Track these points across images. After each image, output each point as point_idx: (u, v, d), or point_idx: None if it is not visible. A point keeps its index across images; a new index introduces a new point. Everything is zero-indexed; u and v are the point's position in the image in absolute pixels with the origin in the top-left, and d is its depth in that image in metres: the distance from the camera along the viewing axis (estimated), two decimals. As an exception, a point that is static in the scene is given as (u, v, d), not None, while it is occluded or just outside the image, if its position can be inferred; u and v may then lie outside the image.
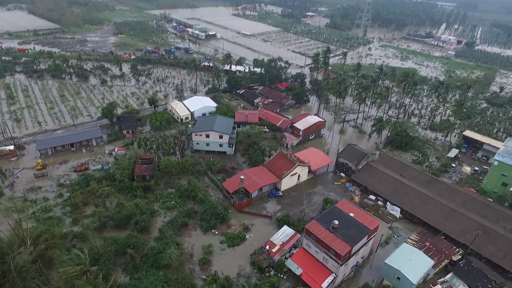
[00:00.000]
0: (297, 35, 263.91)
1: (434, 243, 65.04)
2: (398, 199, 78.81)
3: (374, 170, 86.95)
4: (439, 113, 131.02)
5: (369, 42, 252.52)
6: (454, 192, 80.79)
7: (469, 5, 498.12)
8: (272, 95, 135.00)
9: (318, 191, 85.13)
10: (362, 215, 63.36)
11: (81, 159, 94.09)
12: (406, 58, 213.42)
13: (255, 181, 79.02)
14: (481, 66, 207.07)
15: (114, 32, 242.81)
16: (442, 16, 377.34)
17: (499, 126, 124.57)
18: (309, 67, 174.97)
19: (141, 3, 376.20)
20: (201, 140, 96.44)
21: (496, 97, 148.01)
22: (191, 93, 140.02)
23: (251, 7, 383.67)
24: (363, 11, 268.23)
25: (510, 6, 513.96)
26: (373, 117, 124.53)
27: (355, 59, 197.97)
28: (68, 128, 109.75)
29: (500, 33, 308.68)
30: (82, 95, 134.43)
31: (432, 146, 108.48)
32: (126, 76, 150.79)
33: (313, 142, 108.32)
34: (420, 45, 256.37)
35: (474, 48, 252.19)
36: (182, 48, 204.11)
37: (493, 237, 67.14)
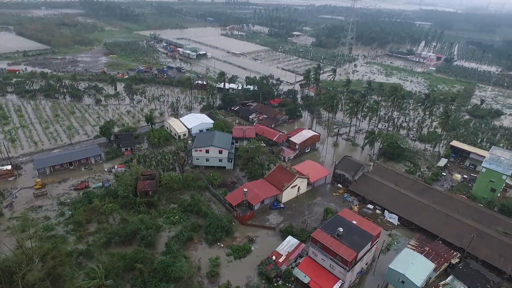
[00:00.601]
0: (285, 53, 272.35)
1: (433, 248, 67.84)
2: (396, 207, 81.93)
3: (370, 180, 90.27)
4: (426, 125, 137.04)
5: (354, 60, 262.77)
6: (447, 199, 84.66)
7: (444, 24, 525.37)
8: (266, 111, 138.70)
9: (318, 202, 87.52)
10: (364, 222, 65.91)
11: (81, 177, 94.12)
12: (391, 74, 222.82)
13: (257, 194, 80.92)
14: (461, 80, 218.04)
15: (104, 52, 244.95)
16: (421, 34, 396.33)
17: (482, 136, 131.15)
18: (299, 84, 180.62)
19: (130, 24, 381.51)
20: (201, 155, 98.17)
21: (477, 109, 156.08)
22: (186, 111, 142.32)
23: (239, 27, 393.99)
24: (347, 30, 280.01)
25: (481, 25, 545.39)
26: (364, 130, 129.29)
27: (343, 75, 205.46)
28: (65, 147, 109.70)
29: (475, 50, 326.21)
30: (77, 115, 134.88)
31: (422, 157, 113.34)
32: (120, 95, 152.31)
33: (309, 156, 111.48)
34: (403, 62, 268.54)
35: (452, 63, 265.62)
36: (174, 67, 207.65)
37: (487, 240, 70.55)
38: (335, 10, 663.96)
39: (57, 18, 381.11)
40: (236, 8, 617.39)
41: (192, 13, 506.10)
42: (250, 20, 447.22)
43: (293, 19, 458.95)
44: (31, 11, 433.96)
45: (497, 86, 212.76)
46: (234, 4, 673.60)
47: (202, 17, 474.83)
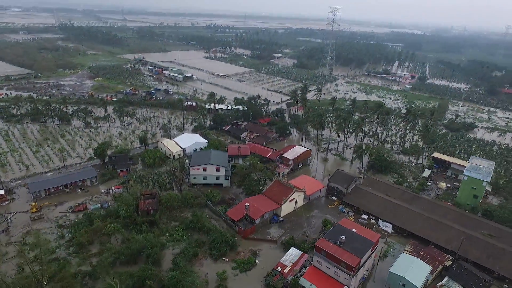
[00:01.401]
0: (269, 74, 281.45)
1: (427, 252, 72.12)
2: (389, 216, 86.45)
3: (363, 191, 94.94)
4: (407, 139, 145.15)
5: (335, 79, 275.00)
6: (435, 206, 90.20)
7: (414, 45, 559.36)
8: (257, 130, 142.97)
9: (315, 215, 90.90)
10: (363, 230, 69.70)
11: (77, 200, 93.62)
12: (370, 92, 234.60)
13: (258, 208, 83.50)
14: (435, 97, 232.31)
15: (90, 76, 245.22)
16: (394, 55, 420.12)
17: (459, 148, 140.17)
18: (286, 103, 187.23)
19: (112, 48, 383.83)
20: (198, 174, 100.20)
21: (453, 123, 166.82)
22: (177, 132, 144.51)
23: (222, 50, 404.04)
24: (327, 51, 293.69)
25: (448, 46, 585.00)
26: (351, 145, 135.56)
27: (325, 94, 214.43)
28: (58, 170, 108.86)
29: (445, 69, 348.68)
30: (67, 138, 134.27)
31: (408, 168, 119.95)
32: (111, 117, 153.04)
33: (302, 171, 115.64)
34: (380, 81, 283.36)
35: (426, 81, 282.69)
36: (162, 89, 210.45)
37: (475, 242, 75.74)
38: (311, 33, 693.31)
39: (37, 43, 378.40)
40: (217, 32, 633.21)
41: (174, 37, 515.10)
42: (232, 43, 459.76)
43: (273, 41, 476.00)
44: (8, 36, 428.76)
45: (468, 102, 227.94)
46: (214, 28, 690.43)
47: (184, 41, 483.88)
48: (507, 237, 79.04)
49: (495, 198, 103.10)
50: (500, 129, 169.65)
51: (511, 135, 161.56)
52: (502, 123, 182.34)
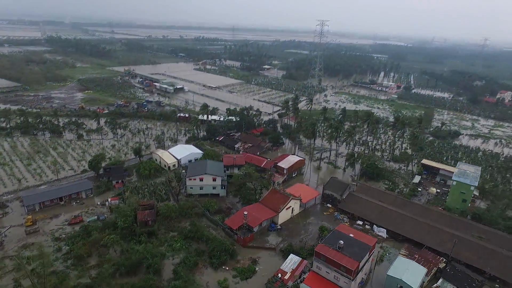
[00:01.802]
0: (259, 86, 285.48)
1: (421, 255, 74.40)
2: (383, 222, 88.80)
3: (357, 198, 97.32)
4: (396, 147, 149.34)
5: (324, 90, 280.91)
6: (426, 211, 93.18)
7: (399, 56, 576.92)
8: (250, 140, 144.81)
9: (312, 222, 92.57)
10: (360, 235, 71.65)
11: (73, 212, 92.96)
12: (358, 102, 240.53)
13: (256, 217, 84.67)
14: (420, 106, 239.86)
15: (79, 88, 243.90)
16: (379, 65, 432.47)
17: (446, 154, 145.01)
18: (277, 114, 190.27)
19: (101, 61, 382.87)
20: (195, 184, 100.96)
21: (439, 131, 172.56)
22: (171, 143, 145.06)
23: (211, 62, 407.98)
24: (315, 63, 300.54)
25: (431, 57, 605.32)
26: (343, 154, 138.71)
27: (315, 104, 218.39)
28: (51, 183, 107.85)
29: (428, 79, 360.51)
30: (60, 150, 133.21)
31: (398, 175, 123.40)
32: (103, 129, 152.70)
33: (296, 179, 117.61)
34: (367, 91, 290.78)
35: (411, 91, 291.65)
36: (153, 101, 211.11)
37: (466, 244, 78.55)
38: (299, 45, 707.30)
39: (24, 55, 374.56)
40: (206, 44, 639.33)
41: (163, 49, 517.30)
42: (222, 55, 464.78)
43: (262, 53, 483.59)
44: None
45: (452, 110, 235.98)
46: (203, 41, 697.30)
47: (173, 53, 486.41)
48: (495, 238, 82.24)
49: (482, 202, 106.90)
50: (484, 136, 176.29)
51: (494, 142, 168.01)
52: (485, 130, 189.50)
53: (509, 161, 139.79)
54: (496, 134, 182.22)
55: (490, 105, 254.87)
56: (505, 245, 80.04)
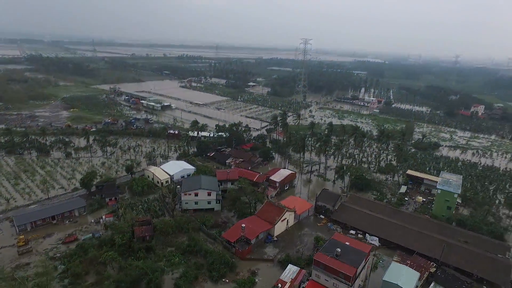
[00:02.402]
0: (245, 102, 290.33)
1: (413, 261, 77.80)
2: (375, 230, 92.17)
3: (349, 208, 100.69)
4: (382, 159, 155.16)
5: (308, 106, 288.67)
6: (415, 219, 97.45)
7: (377, 72, 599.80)
8: (241, 155, 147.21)
9: (306, 233, 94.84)
10: (355, 242, 74.50)
11: (66, 231, 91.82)
12: (343, 117, 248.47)
13: (253, 229, 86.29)
14: (401, 120, 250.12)
15: (64, 107, 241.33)
16: (360, 82, 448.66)
17: (429, 165, 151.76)
18: (265, 129, 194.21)
19: (85, 79, 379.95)
20: (190, 199, 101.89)
21: (420, 143, 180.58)
22: (162, 159, 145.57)
23: (196, 79, 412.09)
24: (300, 79, 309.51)
25: (407, 73, 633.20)
26: (331, 167, 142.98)
27: (301, 120, 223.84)
28: (42, 202, 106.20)
29: (407, 94, 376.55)
30: (48, 169, 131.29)
31: (385, 186, 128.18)
32: (93, 147, 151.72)
33: (288, 192, 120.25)
34: (350, 106, 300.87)
35: (391, 106, 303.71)
36: (141, 118, 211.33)
37: (454, 249, 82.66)
38: (281, 62, 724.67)
39: (4, 74, 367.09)
40: (190, 62, 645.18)
41: (147, 67, 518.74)
42: (207, 73, 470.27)
43: (246, 71, 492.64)
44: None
45: (430, 123, 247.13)
46: (186, 59, 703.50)
47: (157, 71, 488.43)
48: (480, 243, 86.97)
49: (465, 209, 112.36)
50: (462, 147, 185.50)
51: (471, 152, 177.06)
52: (463, 142, 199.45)
53: (486, 170, 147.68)
54: (473, 145, 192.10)
55: (465, 118, 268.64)
56: (489, 248, 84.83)
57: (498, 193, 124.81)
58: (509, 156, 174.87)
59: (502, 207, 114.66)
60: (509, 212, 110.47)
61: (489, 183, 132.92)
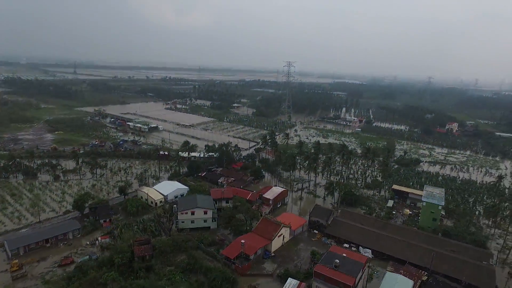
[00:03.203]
0: (232, 123, 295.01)
1: (406, 270, 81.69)
2: (367, 243, 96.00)
3: (342, 223, 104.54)
4: (368, 175, 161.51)
5: (293, 126, 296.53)
6: (404, 230, 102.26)
7: (356, 93, 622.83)
8: (232, 174, 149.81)
9: (302, 248, 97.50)
10: (352, 254, 77.98)
11: (61, 254, 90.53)
12: (327, 136, 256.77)
13: (251, 245, 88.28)
14: (383, 137, 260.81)
15: (48, 129, 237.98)
16: (341, 102, 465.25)
17: (412, 180, 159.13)
18: (254, 149, 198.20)
19: (67, 101, 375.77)
20: (187, 218, 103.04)
21: (403, 159, 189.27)
22: (154, 180, 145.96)
23: (182, 101, 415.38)
24: (284, 100, 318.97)
25: (385, 93, 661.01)
26: (321, 184, 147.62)
27: (288, 139, 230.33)
28: (33, 226, 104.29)
29: (386, 113, 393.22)
30: (36, 192, 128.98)
31: (373, 200, 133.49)
32: (82, 169, 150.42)
33: (281, 209, 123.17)
34: (333, 125, 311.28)
35: (372, 124, 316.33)
36: (129, 140, 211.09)
37: (442, 258, 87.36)
38: (263, 84, 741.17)
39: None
40: (173, 84, 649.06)
41: (130, 89, 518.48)
42: (191, 94, 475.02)
43: (230, 92, 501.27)
44: None
45: (410, 141, 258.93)
46: (170, 81, 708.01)
47: (141, 93, 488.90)
48: (465, 251, 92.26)
49: (448, 220, 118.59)
50: (441, 162, 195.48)
51: (450, 167, 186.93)
52: (441, 157, 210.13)
53: (465, 184, 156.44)
54: (450, 160, 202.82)
55: (441, 135, 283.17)
56: (473, 256, 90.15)
57: (477, 205, 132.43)
58: (484, 170, 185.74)
59: (481, 217, 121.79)
60: (489, 222, 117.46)
61: (468, 196, 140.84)
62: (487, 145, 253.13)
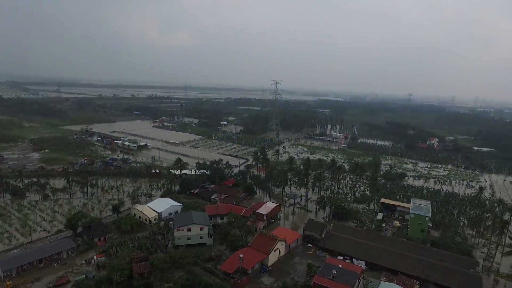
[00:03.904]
0: (220, 140, 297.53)
1: (399, 279, 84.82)
2: (361, 255, 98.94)
3: (335, 236, 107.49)
4: (356, 190, 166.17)
5: (281, 142, 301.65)
6: (394, 242, 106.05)
7: (340, 110, 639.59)
8: (225, 191, 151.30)
9: (297, 261, 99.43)
10: (347, 265, 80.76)
11: (56, 274, 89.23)
12: (315, 152, 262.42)
13: (249, 259, 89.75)
14: (368, 153, 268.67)
15: (34, 148, 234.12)
16: (326, 119, 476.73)
17: (398, 193, 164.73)
18: (244, 166, 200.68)
19: (52, 120, 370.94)
20: (183, 234, 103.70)
21: (389, 174, 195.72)
22: (146, 198, 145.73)
23: (169, 119, 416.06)
24: (272, 117, 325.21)
25: (367, 110, 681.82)
26: (311, 199, 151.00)
27: (277, 155, 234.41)
28: (25, 246, 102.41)
29: (370, 129, 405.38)
30: (25, 212, 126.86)
31: (363, 214, 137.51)
32: (72, 188, 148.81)
33: (275, 224, 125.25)
34: (320, 142, 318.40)
35: (357, 141, 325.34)
36: (118, 158, 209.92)
37: (432, 267, 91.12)
38: (250, 102, 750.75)
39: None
40: (159, 103, 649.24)
41: (116, 107, 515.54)
42: (179, 113, 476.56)
43: (217, 110, 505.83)
44: None
45: (394, 156, 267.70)
46: (156, 99, 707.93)
47: (128, 111, 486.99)
48: (453, 260, 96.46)
49: (435, 231, 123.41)
50: (425, 176, 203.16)
51: (433, 180, 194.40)
52: (425, 172, 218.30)
53: (449, 196, 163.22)
54: (434, 174, 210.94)
55: (423, 150, 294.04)
56: (461, 264, 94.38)
57: (461, 216, 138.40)
58: (465, 183, 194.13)
59: (466, 228, 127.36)
60: (473, 232, 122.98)
61: (453, 207, 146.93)
62: (466, 159, 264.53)
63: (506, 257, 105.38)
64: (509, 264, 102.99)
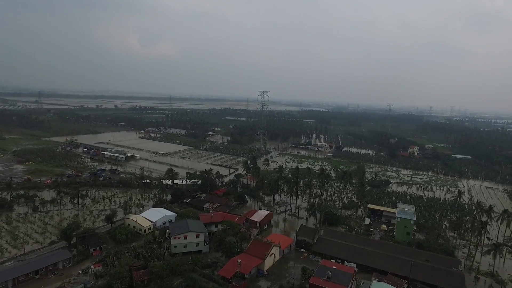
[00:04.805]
0: (208, 151, 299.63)
1: (389, 279, 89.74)
2: (352, 258, 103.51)
3: (326, 240, 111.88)
4: (344, 196, 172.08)
5: (269, 152, 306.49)
6: (382, 245, 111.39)
7: (323, 120, 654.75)
8: (217, 200, 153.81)
9: (292, 265, 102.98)
10: (341, 266, 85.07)
11: (53, 285, 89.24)
12: (301, 161, 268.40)
13: (246, 264, 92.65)
14: (353, 161, 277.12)
15: (17, 160, 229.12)
16: (310, 129, 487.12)
17: (384, 199, 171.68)
18: (234, 175, 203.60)
19: (34, 131, 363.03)
20: (179, 242, 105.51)
21: (374, 181, 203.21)
22: (139, 208, 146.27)
23: (156, 130, 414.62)
24: (259, 128, 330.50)
25: (350, 120, 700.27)
26: (301, 206, 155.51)
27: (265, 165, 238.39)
28: (18, 258, 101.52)
29: (353, 139, 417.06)
30: (15, 225, 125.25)
31: (352, 219, 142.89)
32: (62, 199, 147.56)
33: (268, 231, 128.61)
34: (306, 151, 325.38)
35: (342, 150, 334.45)
36: (107, 169, 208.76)
37: (419, 267, 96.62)
38: (235, 112, 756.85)
39: None
40: (143, 113, 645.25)
41: (100, 118, 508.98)
42: (165, 123, 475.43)
43: (203, 120, 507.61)
44: None
45: (377, 164, 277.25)
46: (140, 110, 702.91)
47: (112, 122, 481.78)
48: (437, 260, 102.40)
49: (420, 234, 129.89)
50: (407, 183, 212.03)
51: (416, 187, 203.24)
52: (407, 178, 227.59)
53: (431, 201, 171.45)
54: (416, 181, 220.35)
55: (405, 158, 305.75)
56: (444, 263, 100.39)
57: (443, 219, 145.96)
58: (445, 188, 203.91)
59: (448, 230, 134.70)
60: (454, 234, 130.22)
61: (435, 211, 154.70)
62: (445, 166, 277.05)
63: (485, 256, 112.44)
64: (488, 262, 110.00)
